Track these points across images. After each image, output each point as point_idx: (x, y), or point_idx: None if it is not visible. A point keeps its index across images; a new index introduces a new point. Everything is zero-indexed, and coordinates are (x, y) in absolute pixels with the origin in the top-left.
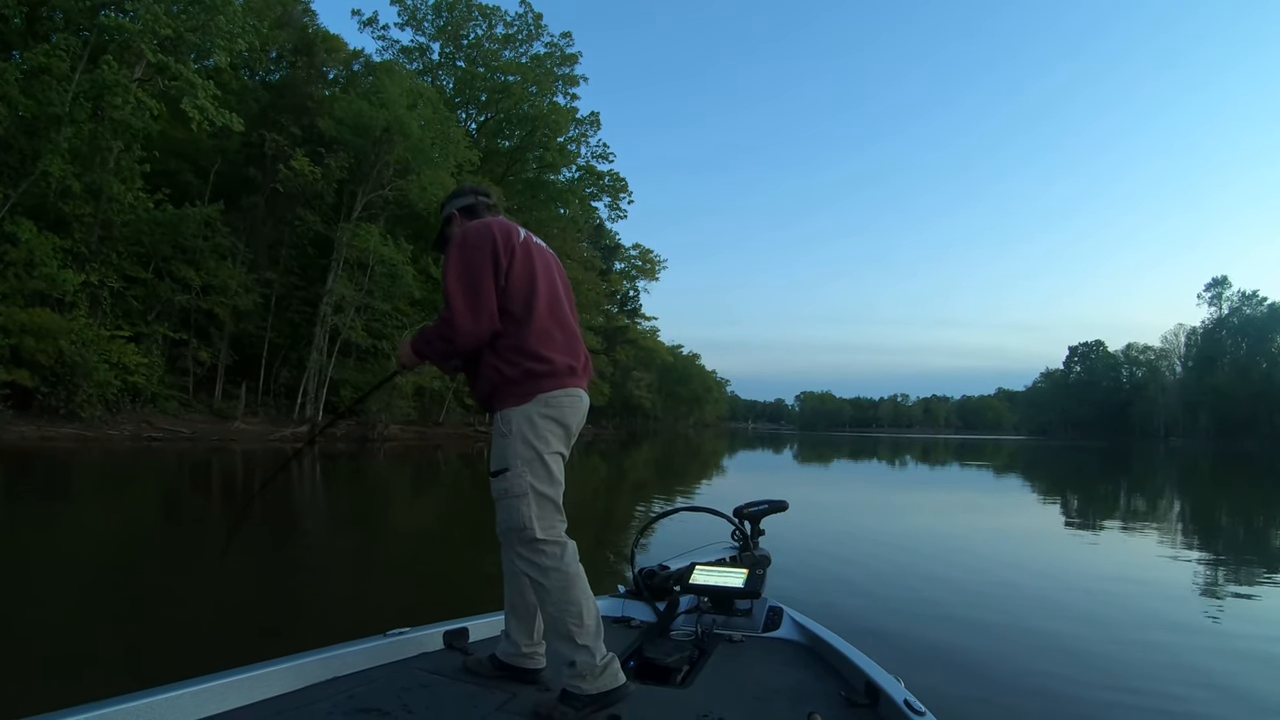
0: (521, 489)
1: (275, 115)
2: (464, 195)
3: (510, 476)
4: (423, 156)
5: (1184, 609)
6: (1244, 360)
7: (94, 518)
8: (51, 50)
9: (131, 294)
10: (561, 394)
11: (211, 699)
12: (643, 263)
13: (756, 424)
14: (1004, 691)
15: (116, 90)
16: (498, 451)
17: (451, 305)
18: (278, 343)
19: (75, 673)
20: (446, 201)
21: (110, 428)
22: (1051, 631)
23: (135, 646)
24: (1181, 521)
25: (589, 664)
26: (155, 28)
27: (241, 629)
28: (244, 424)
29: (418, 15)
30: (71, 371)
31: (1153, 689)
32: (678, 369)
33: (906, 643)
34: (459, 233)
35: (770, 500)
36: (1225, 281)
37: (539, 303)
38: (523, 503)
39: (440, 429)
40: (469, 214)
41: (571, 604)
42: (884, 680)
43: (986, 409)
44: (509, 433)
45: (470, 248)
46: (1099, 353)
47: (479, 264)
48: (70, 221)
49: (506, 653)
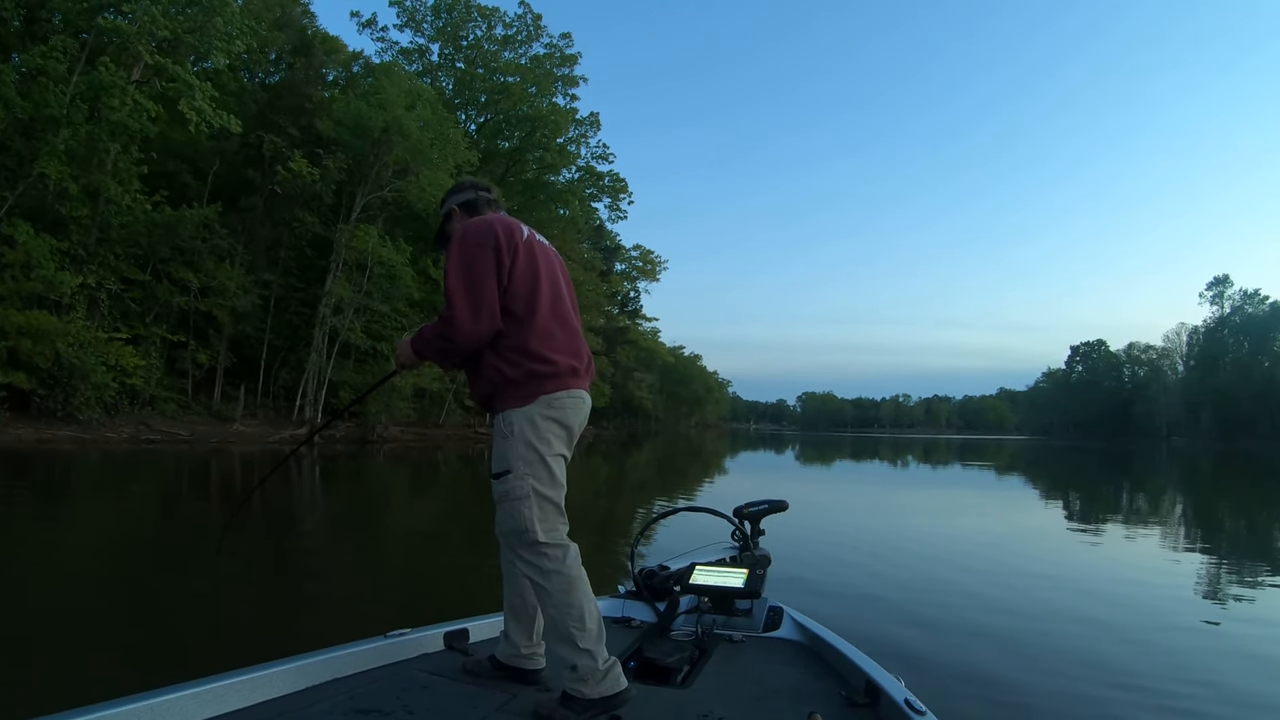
0: (523, 491)
1: (273, 116)
2: (464, 190)
3: (512, 479)
4: (422, 157)
5: (1188, 609)
6: (1246, 360)
7: (88, 519)
8: (49, 52)
9: (130, 296)
10: (564, 395)
11: (212, 700)
12: (643, 263)
13: (758, 425)
14: (1005, 691)
15: (113, 91)
16: (499, 453)
17: (452, 304)
18: (277, 344)
19: (75, 675)
20: (447, 197)
21: (108, 430)
22: (1052, 631)
23: (133, 648)
24: (1183, 522)
25: (590, 668)
26: (153, 29)
27: (240, 630)
28: (243, 426)
29: (416, 16)
30: (69, 374)
31: (1155, 688)
32: (679, 370)
33: (907, 642)
34: (460, 229)
35: (770, 500)
36: (1227, 280)
37: (541, 302)
38: (524, 505)
39: (440, 430)
40: (469, 210)
41: (573, 607)
42: (884, 680)
43: (988, 409)
44: (511, 434)
45: (472, 245)
46: (1100, 352)
47: (480, 262)
48: (68, 223)
49: (506, 654)
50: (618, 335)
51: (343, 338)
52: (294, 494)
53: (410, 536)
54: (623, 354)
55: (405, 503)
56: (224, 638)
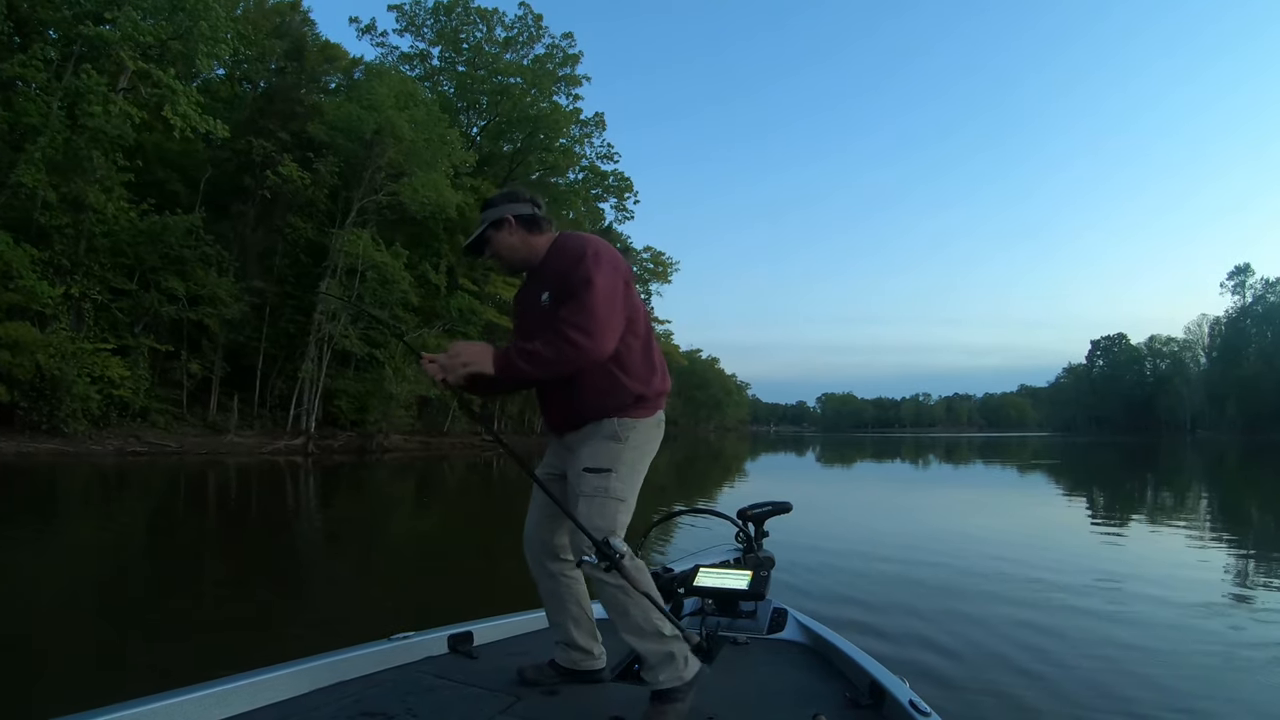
0: (622, 493)
1: (263, 121)
2: (521, 201)
3: (614, 478)
4: (416, 158)
5: (1209, 611)
6: (1270, 349)
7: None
8: (27, 61)
9: (117, 306)
10: (662, 416)
11: (216, 704)
12: (655, 265)
13: (779, 427)
14: (1011, 691)
15: (91, 98)
16: (604, 451)
17: (601, 334)
18: (272, 353)
19: (78, 679)
20: (497, 203)
21: (94, 442)
22: (1061, 632)
23: (134, 653)
24: (1209, 516)
25: (684, 651)
26: (136, 36)
27: (243, 633)
28: (237, 437)
29: (416, 21)
30: (53, 386)
31: (1168, 688)
32: (696, 373)
33: (912, 643)
34: (610, 257)
35: (774, 502)
36: (1248, 269)
37: (651, 329)
38: (621, 508)
39: (445, 438)
40: (530, 226)
41: (651, 601)
42: (889, 681)
43: (1010, 406)
44: (625, 440)
45: (623, 278)
46: (1121, 346)
47: (627, 295)
48: (50, 233)
49: (570, 659)
50: None
51: (336, 344)
52: (298, 504)
53: (413, 544)
54: None
55: (408, 512)
56: (226, 641)
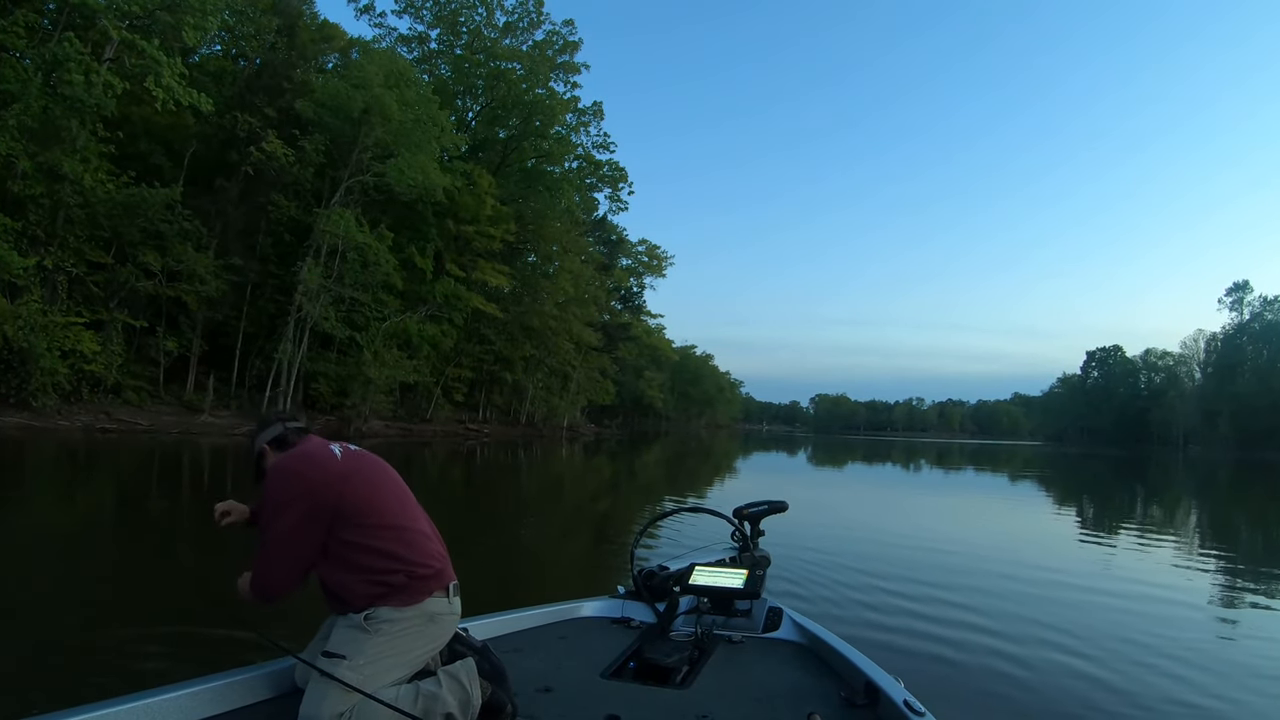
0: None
1: (250, 97)
2: (271, 426)
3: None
4: (404, 139)
5: (1198, 621)
6: (1266, 368)
7: None
8: (8, 26)
9: (93, 280)
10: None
11: (210, 700)
12: (649, 259)
13: (771, 426)
14: (1005, 691)
15: (71, 66)
16: (348, 640)
17: (264, 567)
18: (252, 333)
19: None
20: (255, 435)
21: (63, 418)
22: (1054, 634)
23: (114, 650)
24: (1199, 532)
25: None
26: (122, 5)
27: (214, 630)
28: (212, 416)
29: (415, 2)
30: (21, 358)
31: (1166, 688)
32: (689, 368)
33: (907, 643)
34: (270, 484)
35: (770, 501)
36: (1247, 286)
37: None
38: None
39: (428, 425)
40: (279, 445)
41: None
42: (883, 680)
43: (1002, 414)
44: (374, 632)
45: (283, 505)
46: (1117, 358)
47: (295, 525)
48: (25, 202)
49: None
50: (619, 331)
51: (314, 325)
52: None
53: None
54: (625, 350)
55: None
56: (220, 638)
